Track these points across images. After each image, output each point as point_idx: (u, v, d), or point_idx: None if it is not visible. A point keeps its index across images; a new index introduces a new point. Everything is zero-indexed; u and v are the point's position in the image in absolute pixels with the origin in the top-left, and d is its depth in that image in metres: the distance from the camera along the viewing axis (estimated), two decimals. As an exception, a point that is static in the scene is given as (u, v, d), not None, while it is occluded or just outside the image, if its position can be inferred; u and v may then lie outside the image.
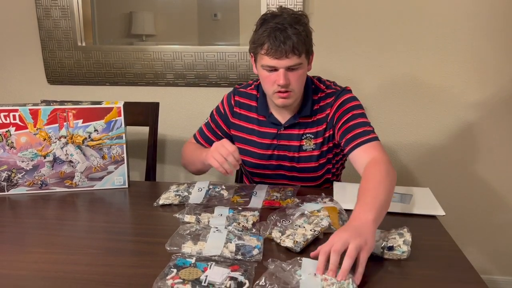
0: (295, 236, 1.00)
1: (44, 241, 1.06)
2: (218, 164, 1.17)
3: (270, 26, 1.18)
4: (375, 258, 0.94)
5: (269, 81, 1.23)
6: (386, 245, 0.95)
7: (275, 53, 1.17)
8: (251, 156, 1.42)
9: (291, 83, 1.22)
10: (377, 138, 1.25)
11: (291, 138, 1.37)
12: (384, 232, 1.02)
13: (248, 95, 1.42)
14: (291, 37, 1.16)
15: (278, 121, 1.37)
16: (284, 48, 1.16)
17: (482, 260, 2.05)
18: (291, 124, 1.35)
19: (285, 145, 1.38)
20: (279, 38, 1.15)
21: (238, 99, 1.43)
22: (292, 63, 1.19)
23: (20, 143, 1.31)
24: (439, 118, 1.92)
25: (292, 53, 1.17)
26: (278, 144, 1.38)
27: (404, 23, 1.82)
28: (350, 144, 1.25)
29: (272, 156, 1.40)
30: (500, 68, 1.83)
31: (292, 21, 1.18)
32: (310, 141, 1.34)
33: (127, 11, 2.09)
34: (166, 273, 0.87)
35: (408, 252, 0.95)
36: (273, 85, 1.23)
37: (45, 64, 2.03)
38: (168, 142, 2.10)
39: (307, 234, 1.02)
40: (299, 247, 0.97)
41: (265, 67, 1.22)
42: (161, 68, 1.98)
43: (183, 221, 1.13)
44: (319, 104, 1.35)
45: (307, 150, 1.36)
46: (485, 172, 1.95)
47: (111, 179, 1.39)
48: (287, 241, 0.99)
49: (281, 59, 1.18)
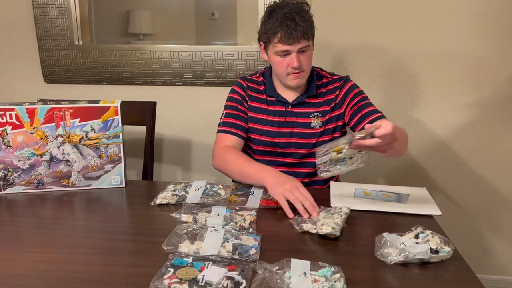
0: (329, 223, 1.05)
1: (40, 241, 1.05)
2: (287, 206, 1.17)
3: (280, 16, 1.32)
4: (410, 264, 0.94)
5: (283, 65, 1.37)
6: (434, 249, 0.95)
7: (288, 39, 1.31)
8: (261, 134, 1.49)
9: (302, 64, 1.36)
10: (385, 116, 1.42)
11: (299, 116, 1.47)
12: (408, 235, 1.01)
13: (255, 81, 1.54)
14: (300, 24, 1.31)
15: (285, 100, 1.48)
16: (296, 34, 1.30)
17: (479, 260, 2.06)
18: (299, 102, 1.47)
19: (293, 121, 1.47)
20: (290, 26, 1.30)
21: (248, 84, 1.54)
22: (302, 45, 1.34)
23: (16, 142, 1.31)
24: (435, 118, 1.92)
25: (303, 38, 1.32)
26: (286, 121, 1.48)
27: (401, 24, 1.83)
28: (365, 119, 1.40)
29: (281, 133, 1.48)
30: (496, 68, 1.83)
31: (298, 10, 1.33)
32: (318, 119, 1.46)
33: (124, 10, 2.08)
34: (163, 272, 0.87)
35: (452, 251, 0.96)
36: (287, 68, 1.37)
37: (42, 62, 2.02)
38: (166, 141, 2.10)
39: (338, 220, 1.06)
40: (338, 230, 1.03)
41: (279, 52, 1.36)
42: (159, 67, 1.98)
43: (180, 220, 1.13)
44: (326, 87, 1.49)
45: (315, 127, 1.46)
46: (482, 172, 1.95)
47: (108, 179, 1.39)
48: (325, 228, 1.03)
49: (294, 44, 1.32)
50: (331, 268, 0.88)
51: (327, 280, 0.85)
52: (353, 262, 0.95)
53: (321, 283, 0.84)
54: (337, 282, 0.84)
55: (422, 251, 0.93)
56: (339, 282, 0.84)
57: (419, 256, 0.93)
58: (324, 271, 0.88)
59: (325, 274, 0.87)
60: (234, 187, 1.36)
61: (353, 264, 0.94)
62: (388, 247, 0.95)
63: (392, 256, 0.93)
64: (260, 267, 0.88)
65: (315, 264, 0.90)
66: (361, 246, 1.01)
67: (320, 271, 0.88)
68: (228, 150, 1.41)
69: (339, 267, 0.89)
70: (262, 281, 0.84)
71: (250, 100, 1.51)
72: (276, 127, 1.48)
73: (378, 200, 1.25)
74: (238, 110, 1.49)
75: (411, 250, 0.93)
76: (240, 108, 1.49)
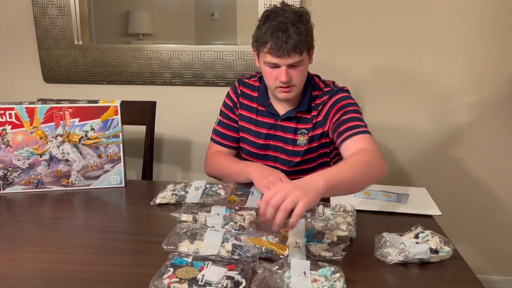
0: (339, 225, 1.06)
1: (40, 240, 1.05)
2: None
3: (272, 25, 1.20)
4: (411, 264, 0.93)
5: (272, 77, 1.27)
6: (434, 249, 0.95)
7: (277, 52, 1.20)
8: (248, 144, 1.45)
9: (292, 79, 1.26)
10: (368, 132, 1.24)
11: (286, 131, 1.40)
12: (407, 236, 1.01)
13: (251, 86, 1.47)
14: (293, 37, 1.18)
15: (276, 112, 1.40)
16: (286, 47, 1.19)
17: (478, 260, 2.06)
18: (288, 116, 1.38)
19: (280, 136, 1.41)
20: (281, 38, 1.18)
21: (242, 89, 1.47)
22: (293, 61, 1.22)
23: (16, 142, 1.31)
24: (435, 118, 1.92)
25: (294, 52, 1.20)
26: (274, 134, 1.41)
27: (401, 24, 1.83)
28: (341, 136, 1.26)
29: (268, 146, 1.43)
30: (496, 68, 1.83)
31: (294, 20, 1.20)
32: (304, 136, 1.38)
33: (124, 10, 2.08)
34: (162, 272, 0.87)
35: (451, 251, 0.96)
36: (276, 81, 1.27)
37: (42, 62, 2.02)
38: (165, 141, 2.10)
39: (350, 220, 1.09)
40: (353, 232, 1.05)
41: (268, 64, 1.26)
42: (158, 67, 1.98)
43: (180, 220, 1.13)
44: (315, 101, 1.38)
45: (300, 145, 1.39)
46: (482, 172, 1.95)
47: (107, 178, 1.39)
48: (341, 231, 1.04)
49: (283, 58, 1.21)
50: (330, 267, 0.88)
51: (327, 280, 0.85)
52: (353, 262, 0.94)
53: (320, 283, 0.84)
54: (336, 281, 0.84)
55: (422, 251, 0.93)
56: (338, 281, 0.84)
57: (418, 256, 0.93)
58: (323, 270, 0.87)
59: (325, 273, 0.87)
60: (234, 187, 1.36)
61: (352, 264, 0.93)
62: (388, 247, 0.95)
63: (392, 256, 0.93)
64: (259, 266, 0.88)
65: (315, 263, 0.90)
66: (361, 246, 1.01)
67: (320, 270, 0.88)
68: (217, 156, 1.46)
69: (339, 267, 0.89)
70: (262, 280, 0.84)
71: (241, 108, 1.46)
72: (263, 140, 1.42)
73: (378, 200, 1.25)
74: (230, 120, 1.48)
75: (411, 250, 0.93)
76: (231, 116, 1.48)
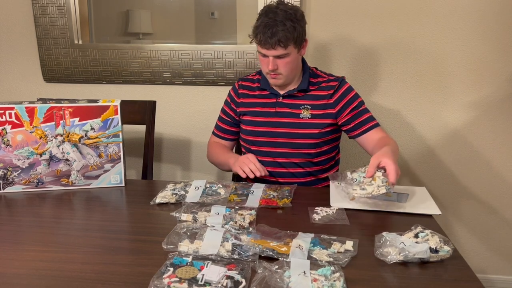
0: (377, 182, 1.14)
1: (40, 240, 1.05)
2: (242, 172, 1.38)
3: (264, 21, 1.37)
4: (411, 263, 0.94)
5: (263, 64, 1.45)
6: (433, 249, 0.95)
7: (264, 45, 1.38)
8: (250, 124, 1.56)
9: (279, 68, 1.42)
10: (379, 124, 1.52)
11: (289, 106, 1.52)
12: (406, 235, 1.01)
13: (250, 80, 1.62)
14: (278, 33, 1.35)
15: (277, 92, 1.54)
16: (270, 41, 1.36)
17: (478, 259, 2.06)
18: (290, 94, 1.52)
19: (284, 112, 1.52)
20: (267, 34, 1.36)
21: (242, 83, 1.62)
22: (278, 53, 1.39)
23: (16, 141, 1.31)
24: (435, 117, 1.92)
25: (278, 45, 1.36)
26: (277, 111, 1.53)
27: (401, 24, 1.83)
28: (361, 128, 1.49)
29: (272, 123, 1.53)
30: (496, 68, 1.83)
31: (284, 18, 1.36)
32: (308, 110, 1.50)
33: (124, 9, 2.08)
34: (162, 271, 0.87)
35: (451, 250, 0.96)
36: (266, 68, 1.45)
37: (42, 62, 2.02)
38: (165, 140, 2.10)
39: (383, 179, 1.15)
40: (391, 188, 1.13)
41: (259, 52, 1.44)
42: (158, 66, 1.98)
43: (179, 219, 1.13)
44: (320, 84, 1.53)
45: (304, 118, 1.50)
46: (481, 171, 1.95)
47: (107, 178, 1.39)
48: (381, 189, 1.11)
49: (269, 50, 1.38)
50: (330, 267, 0.88)
51: (327, 279, 0.85)
52: (353, 261, 0.94)
53: (320, 282, 0.84)
54: (336, 281, 0.84)
55: (422, 251, 0.93)
56: (338, 281, 0.84)
57: (418, 256, 0.93)
58: (323, 270, 0.87)
59: (325, 273, 0.87)
60: (234, 186, 1.36)
61: (352, 263, 0.93)
62: (387, 246, 0.96)
63: (391, 256, 0.93)
64: (259, 266, 0.88)
65: (315, 263, 0.90)
66: (361, 245, 1.01)
67: (320, 270, 0.88)
68: (214, 146, 1.66)
69: (339, 266, 0.89)
70: (261, 280, 0.84)
71: (241, 97, 1.59)
72: (266, 117, 1.54)
73: (378, 200, 1.25)
74: (228, 115, 1.63)
75: (410, 250, 0.93)
76: (228, 112, 1.63)
